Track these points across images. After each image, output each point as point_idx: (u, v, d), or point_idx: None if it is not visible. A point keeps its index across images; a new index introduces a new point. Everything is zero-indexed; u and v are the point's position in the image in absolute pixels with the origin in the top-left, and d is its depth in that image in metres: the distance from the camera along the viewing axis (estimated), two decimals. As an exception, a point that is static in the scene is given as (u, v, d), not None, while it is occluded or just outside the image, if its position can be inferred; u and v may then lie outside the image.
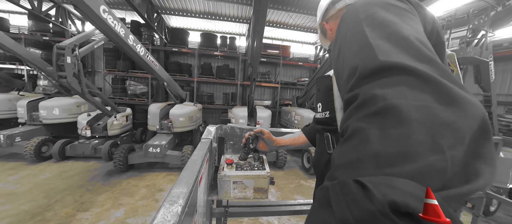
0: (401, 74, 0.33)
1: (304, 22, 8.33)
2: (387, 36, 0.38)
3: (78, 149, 4.98)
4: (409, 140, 0.27)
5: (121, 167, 4.49)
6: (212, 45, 8.40)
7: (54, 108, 5.46)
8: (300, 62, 9.25)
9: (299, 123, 6.44)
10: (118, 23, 3.05)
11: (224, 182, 1.08)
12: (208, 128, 1.33)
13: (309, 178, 5.07)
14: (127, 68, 7.62)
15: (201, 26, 9.23)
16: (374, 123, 0.30)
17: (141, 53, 3.84)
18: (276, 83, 9.23)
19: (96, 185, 4.01)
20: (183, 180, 0.61)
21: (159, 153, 4.66)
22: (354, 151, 0.31)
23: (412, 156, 0.26)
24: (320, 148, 0.85)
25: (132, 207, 3.40)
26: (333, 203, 0.26)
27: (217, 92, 9.50)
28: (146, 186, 4.12)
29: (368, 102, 0.33)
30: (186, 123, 5.76)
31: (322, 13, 0.87)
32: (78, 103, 5.95)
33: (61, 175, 4.30)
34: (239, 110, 6.40)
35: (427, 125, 0.28)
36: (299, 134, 1.19)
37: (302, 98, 7.73)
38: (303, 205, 1.52)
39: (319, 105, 0.85)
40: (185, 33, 8.41)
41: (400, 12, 0.43)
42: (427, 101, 0.29)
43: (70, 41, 4.13)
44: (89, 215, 3.11)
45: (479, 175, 0.27)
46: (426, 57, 0.34)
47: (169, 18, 8.65)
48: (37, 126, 5.48)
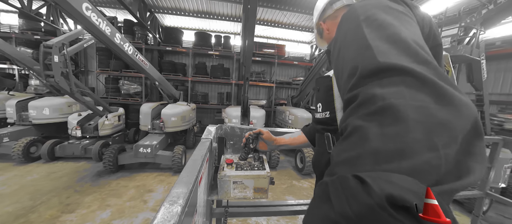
0: (399, 75, 0.34)
1: (299, 21, 8.31)
2: (386, 38, 0.40)
3: (67, 150, 4.91)
4: (406, 138, 0.28)
5: (111, 167, 4.43)
6: (207, 44, 8.35)
7: (44, 108, 5.39)
8: (296, 61, 9.22)
9: (293, 122, 6.41)
10: (103, 21, 3.00)
11: (224, 182, 1.08)
12: (208, 128, 1.33)
13: (301, 178, 5.05)
14: (121, 68, 7.55)
15: (195, 25, 9.19)
16: (373, 121, 0.32)
17: (129, 52, 3.79)
18: (272, 82, 9.20)
19: (85, 186, 3.96)
20: (183, 180, 0.61)
21: (149, 153, 4.60)
22: (353, 148, 0.32)
23: (409, 153, 0.28)
24: (320, 147, 0.85)
25: (119, 208, 3.35)
26: (333, 197, 0.27)
27: (212, 92, 9.45)
28: (136, 186, 4.07)
29: (368, 101, 0.34)
30: (179, 123, 5.71)
31: (319, 13, 0.87)
32: (69, 103, 5.88)
33: (49, 176, 4.24)
34: (233, 110, 6.36)
35: (424, 123, 0.29)
36: (299, 134, 1.20)
37: (297, 97, 7.70)
38: (303, 205, 1.52)
39: (319, 105, 0.84)
40: (179, 32, 8.34)
41: (398, 15, 0.45)
42: (424, 101, 0.31)
43: (58, 40, 4.07)
44: (74, 217, 3.06)
45: (470, 172, 0.29)
46: (423, 59, 0.36)
47: (163, 17, 8.59)
48: (26, 126, 5.39)
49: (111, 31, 3.20)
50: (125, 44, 3.61)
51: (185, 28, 9.28)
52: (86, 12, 2.67)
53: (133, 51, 3.86)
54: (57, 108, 5.56)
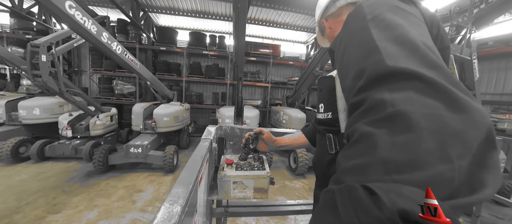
0: (409, 80, 0.33)
1: (294, 21, 8.30)
2: (394, 39, 0.38)
3: (58, 150, 4.86)
4: (418, 148, 0.27)
5: (101, 167, 4.38)
6: (201, 44, 8.32)
7: (35, 108, 5.33)
8: (291, 61, 9.21)
9: (287, 122, 6.40)
10: (88, 20, 2.96)
11: (224, 182, 1.09)
12: (208, 128, 1.34)
13: (294, 178, 5.03)
14: (114, 68, 7.50)
15: (190, 25, 9.15)
16: (383, 129, 0.30)
17: (118, 52, 3.75)
18: (267, 82, 9.18)
19: (73, 186, 3.91)
20: (183, 180, 0.61)
21: (140, 153, 4.56)
22: (361, 155, 0.31)
23: (421, 164, 0.26)
24: (321, 148, 0.84)
25: (106, 208, 3.31)
26: (340, 208, 0.26)
27: (207, 92, 9.42)
28: (125, 187, 4.03)
29: (377, 107, 0.33)
30: (171, 123, 5.67)
31: (321, 11, 0.85)
32: (60, 103, 5.82)
33: (38, 176, 4.19)
34: (226, 110, 6.34)
35: (437, 133, 0.28)
36: (299, 134, 1.20)
37: (291, 97, 7.68)
38: (303, 205, 1.53)
39: (321, 105, 0.83)
40: (174, 32, 8.31)
41: (406, 16, 0.43)
42: (436, 108, 0.29)
43: (45, 39, 4.03)
44: (60, 217, 3.01)
45: (485, 185, 0.27)
46: (433, 63, 0.34)
47: (158, 17, 8.55)
48: (16, 126, 5.34)
49: (98, 30, 3.17)
50: (113, 43, 3.57)
51: (179, 28, 9.23)
52: (69, 10, 2.64)
53: (122, 50, 3.82)
54: (48, 109, 5.50)
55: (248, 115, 6.15)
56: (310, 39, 10.06)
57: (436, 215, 0.21)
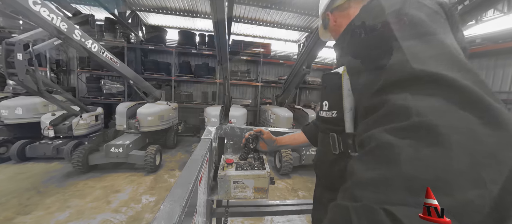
0: (439, 87, 0.29)
1: (284, 19, 8.24)
2: (418, 38, 0.35)
3: (39, 150, 4.80)
4: (448, 167, 0.24)
5: (80, 167, 4.33)
6: (191, 43, 8.25)
7: (17, 108, 5.27)
8: (282, 60, 9.14)
9: (275, 121, 6.35)
10: (57, 17, 2.90)
11: (224, 182, 1.10)
12: (208, 128, 1.34)
13: (278, 178, 4.97)
14: (101, 67, 7.42)
15: (179, 23, 9.09)
16: (406, 140, 0.27)
17: (94, 50, 3.69)
18: (258, 81, 9.12)
19: (49, 187, 3.86)
20: (183, 180, 0.61)
21: (121, 153, 4.51)
22: (380, 168, 0.28)
23: (451, 187, 0.24)
24: (324, 147, 0.80)
25: (79, 209, 3.25)
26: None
27: (197, 92, 9.35)
28: (103, 187, 3.98)
29: (399, 114, 0.30)
30: (156, 122, 5.61)
31: (327, 2, 0.80)
32: (44, 103, 5.75)
33: (16, 177, 4.14)
34: (212, 109, 6.29)
35: (470, 152, 0.24)
36: (299, 133, 1.19)
37: (281, 96, 7.63)
38: (303, 205, 1.53)
39: (325, 103, 0.79)
40: (163, 30, 8.24)
41: (431, 14, 0.39)
42: (470, 122, 0.26)
43: (21, 37, 3.97)
44: (29, 219, 2.96)
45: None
46: (465, 68, 0.31)
47: (147, 16, 8.49)
48: (-2, 126, 5.28)
49: (68, 28, 3.11)
50: (88, 41, 3.51)
51: (169, 26, 9.17)
52: (34, 7, 2.58)
53: (98, 49, 3.77)
54: (31, 108, 5.44)
55: (234, 114, 6.10)
56: (301, 38, 10.00)
57: None
